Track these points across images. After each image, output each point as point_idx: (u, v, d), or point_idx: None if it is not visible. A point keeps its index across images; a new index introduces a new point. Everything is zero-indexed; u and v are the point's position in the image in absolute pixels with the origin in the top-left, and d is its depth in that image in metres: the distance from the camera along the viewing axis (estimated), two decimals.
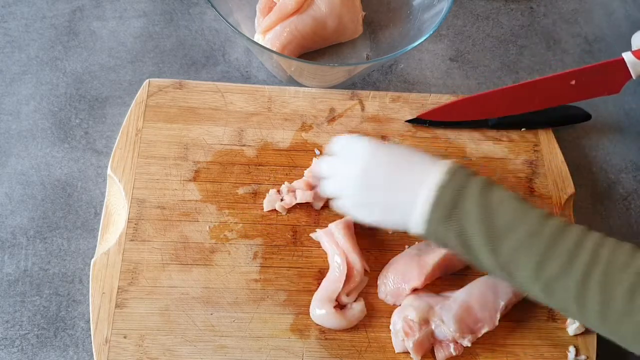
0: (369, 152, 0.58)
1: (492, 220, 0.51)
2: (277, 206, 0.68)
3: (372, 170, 0.57)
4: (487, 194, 0.53)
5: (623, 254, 0.48)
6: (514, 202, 0.52)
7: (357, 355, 0.62)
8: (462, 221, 0.52)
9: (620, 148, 0.81)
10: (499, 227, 0.51)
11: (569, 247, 0.49)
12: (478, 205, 0.52)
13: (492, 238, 0.51)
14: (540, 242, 0.50)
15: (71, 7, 0.84)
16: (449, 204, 0.53)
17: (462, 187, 0.53)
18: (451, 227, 0.53)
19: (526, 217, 0.51)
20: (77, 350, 0.62)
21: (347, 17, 0.79)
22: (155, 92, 0.74)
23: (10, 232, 0.68)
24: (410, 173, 0.56)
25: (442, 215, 0.53)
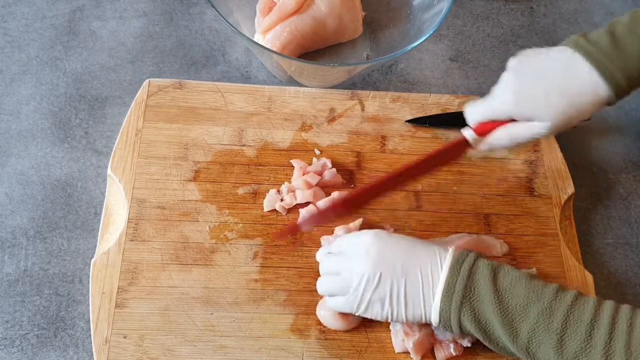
0: (377, 244, 0.57)
1: (506, 302, 0.52)
2: (277, 206, 0.69)
3: (384, 263, 0.56)
4: (497, 275, 0.54)
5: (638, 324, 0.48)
6: (525, 281, 0.53)
7: (357, 355, 0.62)
8: (476, 306, 0.53)
9: (620, 148, 0.81)
10: (515, 308, 0.52)
11: (586, 322, 0.50)
12: (490, 288, 0.53)
13: (508, 320, 0.52)
14: (557, 319, 0.50)
15: (71, 7, 0.84)
16: (460, 291, 0.53)
17: (472, 272, 0.54)
18: (466, 314, 0.53)
19: (540, 295, 0.52)
20: (77, 350, 0.62)
21: (347, 17, 0.79)
22: (155, 92, 0.74)
23: (10, 232, 0.68)
24: (419, 263, 0.56)
25: (455, 304, 0.53)
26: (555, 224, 0.71)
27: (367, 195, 0.64)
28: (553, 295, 0.52)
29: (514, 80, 0.60)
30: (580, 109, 0.57)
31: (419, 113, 0.77)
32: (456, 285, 0.54)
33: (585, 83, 0.57)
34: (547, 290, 0.52)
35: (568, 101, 0.57)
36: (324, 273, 0.61)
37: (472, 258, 0.55)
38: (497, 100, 0.60)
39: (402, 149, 0.74)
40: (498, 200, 0.72)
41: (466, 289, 0.53)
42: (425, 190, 0.72)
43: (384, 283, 0.56)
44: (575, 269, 0.68)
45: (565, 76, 0.57)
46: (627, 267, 0.73)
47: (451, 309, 0.54)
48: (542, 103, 0.58)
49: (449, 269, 0.55)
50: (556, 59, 0.59)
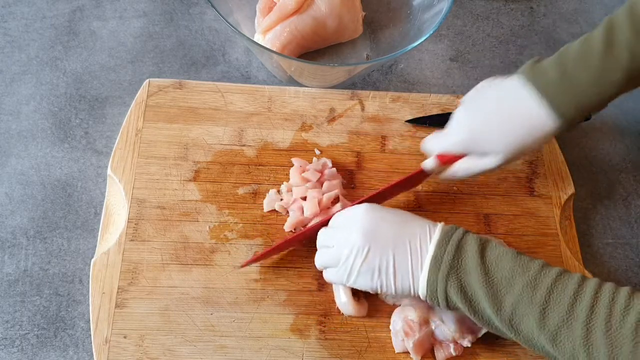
0: (368, 217, 0.58)
1: (492, 275, 0.53)
2: (277, 206, 0.68)
3: (374, 235, 0.57)
4: (485, 250, 0.54)
5: (622, 297, 0.49)
6: (512, 255, 0.54)
7: (357, 355, 0.62)
8: (463, 278, 0.53)
9: (620, 148, 0.81)
10: (499, 281, 0.52)
11: (569, 295, 0.50)
12: (477, 261, 0.53)
13: (493, 292, 0.52)
14: (540, 293, 0.51)
15: (71, 7, 0.84)
16: (448, 262, 0.54)
17: (459, 245, 0.55)
18: (452, 285, 0.54)
19: (525, 269, 0.52)
20: (77, 350, 0.62)
21: (347, 17, 0.79)
22: (155, 92, 0.74)
23: (10, 232, 0.68)
24: (408, 236, 0.57)
25: (442, 274, 0.54)
26: (555, 224, 0.71)
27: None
28: (538, 269, 0.52)
29: (467, 118, 0.62)
30: (531, 140, 0.59)
31: (419, 113, 0.77)
32: (444, 257, 0.54)
33: (535, 115, 0.58)
34: (532, 264, 0.53)
35: (519, 134, 0.59)
36: (319, 246, 0.61)
37: (460, 232, 0.56)
38: (452, 137, 0.63)
39: (402, 149, 0.74)
40: (498, 200, 0.72)
41: (453, 261, 0.54)
42: (425, 190, 0.72)
43: (373, 254, 0.56)
44: (575, 269, 0.68)
45: (517, 110, 0.59)
46: (627, 267, 0.73)
47: (438, 280, 0.54)
48: (494, 138, 0.60)
49: (437, 241, 0.55)
50: (508, 91, 0.60)
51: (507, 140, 0.59)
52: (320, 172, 0.70)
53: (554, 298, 0.50)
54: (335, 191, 0.68)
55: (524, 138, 0.59)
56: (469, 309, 0.54)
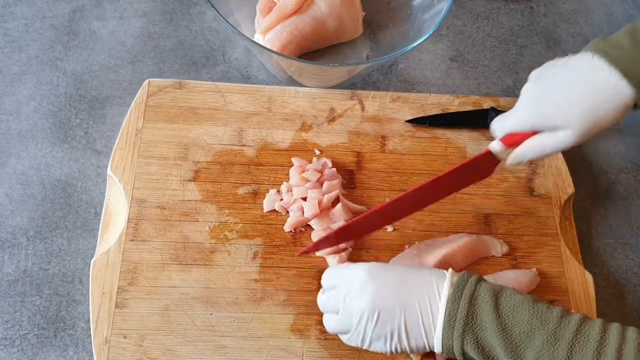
0: (372, 281, 0.55)
1: (509, 329, 0.51)
2: (277, 206, 0.68)
3: (381, 300, 0.54)
4: (499, 300, 0.52)
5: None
6: (528, 306, 0.52)
7: (357, 355, 0.62)
8: (479, 334, 0.51)
9: (620, 148, 0.81)
10: (518, 336, 0.50)
11: (592, 350, 0.48)
12: (493, 315, 0.51)
13: (513, 347, 0.50)
14: (563, 346, 0.49)
15: (71, 7, 0.84)
16: (462, 319, 0.52)
17: (472, 299, 0.52)
18: (469, 342, 0.52)
19: (543, 322, 0.51)
20: (77, 350, 0.62)
21: (347, 17, 0.79)
22: (155, 92, 0.74)
23: (10, 232, 0.68)
24: (416, 296, 0.54)
25: (457, 333, 0.52)
26: (555, 224, 0.71)
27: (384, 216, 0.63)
28: (557, 320, 0.50)
29: (535, 91, 0.59)
30: (604, 113, 0.56)
31: (419, 113, 0.77)
32: (457, 314, 0.52)
33: (608, 86, 0.55)
34: (551, 315, 0.51)
35: (591, 107, 0.56)
36: (322, 308, 0.59)
37: (472, 284, 0.53)
38: (520, 112, 0.59)
39: (402, 149, 0.74)
40: (498, 200, 0.72)
41: (467, 317, 0.52)
42: None
43: (383, 321, 0.54)
44: (575, 269, 0.68)
45: (587, 81, 0.56)
46: (627, 267, 0.73)
47: (453, 339, 0.52)
48: (565, 111, 0.56)
49: (449, 297, 0.53)
50: (576, 65, 0.58)
51: (579, 113, 0.56)
52: (320, 172, 0.70)
53: (576, 352, 0.49)
54: (335, 192, 0.68)
55: (597, 109, 0.56)
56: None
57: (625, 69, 0.55)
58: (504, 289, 0.54)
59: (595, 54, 0.56)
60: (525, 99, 0.60)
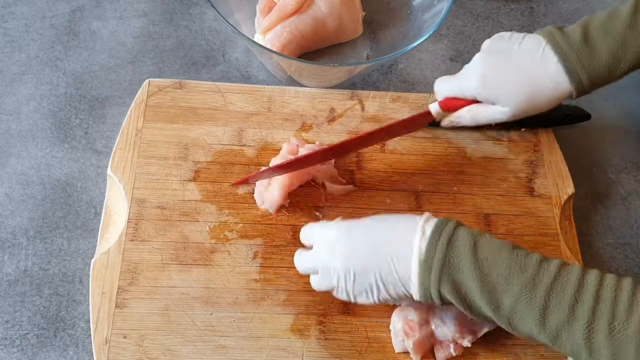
0: (344, 238, 0.56)
1: (487, 273, 0.50)
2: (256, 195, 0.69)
3: (353, 258, 0.55)
4: (478, 244, 0.51)
5: (625, 295, 0.47)
6: (508, 251, 0.51)
7: (357, 355, 0.62)
8: (457, 278, 0.51)
9: (620, 148, 0.81)
10: (496, 279, 0.50)
11: (570, 295, 0.48)
12: (471, 259, 0.51)
13: (490, 292, 0.50)
14: (540, 291, 0.49)
15: (71, 7, 0.84)
16: (439, 262, 0.51)
17: (450, 243, 0.52)
18: (445, 284, 0.51)
19: (522, 267, 0.50)
20: (77, 350, 0.62)
21: (347, 17, 0.79)
22: (155, 92, 0.74)
23: (10, 232, 0.68)
24: (388, 245, 0.54)
25: (434, 274, 0.51)
26: (555, 224, 0.71)
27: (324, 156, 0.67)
28: (536, 266, 0.50)
29: (483, 64, 0.62)
30: (541, 100, 0.60)
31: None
32: (434, 257, 0.51)
33: (550, 76, 0.58)
34: (530, 260, 0.50)
35: (530, 90, 0.59)
36: (302, 271, 0.59)
37: (451, 228, 0.52)
38: (464, 80, 0.63)
39: (402, 149, 0.74)
40: (498, 200, 0.72)
41: (445, 260, 0.51)
42: (425, 190, 0.72)
43: (359, 278, 0.54)
44: None
45: (532, 66, 0.59)
46: (627, 267, 0.73)
47: (430, 282, 0.51)
48: (506, 89, 0.60)
49: (428, 240, 0.52)
50: (527, 47, 0.60)
51: (518, 93, 0.59)
52: None
53: (553, 298, 0.48)
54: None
55: (535, 96, 0.59)
56: (464, 307, 0.52)
57: (572, 65, 0.58)
58: (483, 234, 0.53)
59: (548, 42, 0.59)
60: (472, 69, 0.63)
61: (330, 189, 0.70)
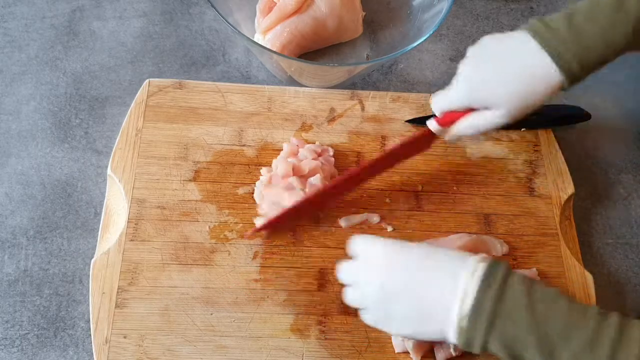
0: (386, 259, 0.53)
1: (544, 327, 0.46)
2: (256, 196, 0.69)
3: (391, 281, 0.51)
4: (533, 294, 0.47)
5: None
6: (564, 303, 0.47)
7: (357, 355, 0.62)
8: (509, 330, 0.47)
9: (620, 148, 0.81)
10: (554, 336, 0.46)
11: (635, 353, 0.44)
12: (526, 312, 0.46)
13: (546, 348, 0.46)
14: (602, 350, 0.45)
15: (71, 7, 0.84)
16: (490, 311, 0.47)
17: (503, 291, 0.47)
18: (495, 336, 0.47)
19: (582, 321, 0.46)
20: (77, 350, 0.62)
21: (347, 17, 0.79)
22: (155, 92, 0.74)
23: (10, 232, 0.68)
24: (437, 277, 0.50)
25: (484, 325, 0.47)
26: (555, 224, 0.71)
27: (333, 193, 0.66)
28: (596, 320, 0.46)
29: (469, 70, 0.61)
30: (533, 95, 0.58)
31: (419, 113, 0.77)
32: (486, 304, 0.47)
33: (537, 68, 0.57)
34: (589, 313, 0.47)
35: (522, 89, 0.58)
36: (342, 281, 0.56)
37: (501, 271, 0.48)
38: (454, 91, 0.62)
39: None
40: (498, 200, 0.72)
41: (497, 309, 0.47)
42: (425, 190, 0.72)
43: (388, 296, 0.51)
44: (575, 269, 0.68)
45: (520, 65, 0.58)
46: (627, 267, 0.73)
47: (476, 331, 0.47)
48: (496, 91, 0.59)
49: (477, 285, 0.48)
50: (511, 45, 0.59)
51: (509, 92, 0.58)
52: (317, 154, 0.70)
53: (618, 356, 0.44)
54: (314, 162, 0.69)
55: (526, 91, 0.58)
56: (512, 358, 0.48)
57: (558, 53, 0.56)
58: (536, 282, 0.49)
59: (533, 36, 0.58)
60: (460, 77, 0.62)
61: None
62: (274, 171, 0.69)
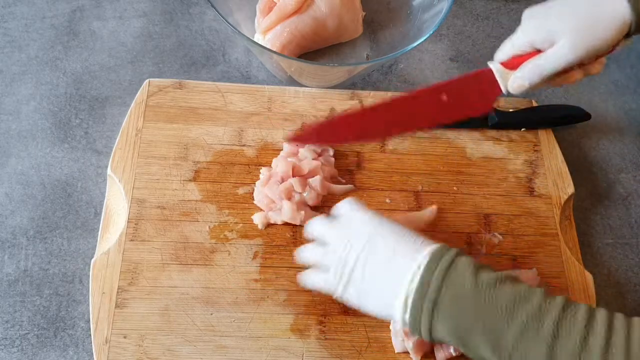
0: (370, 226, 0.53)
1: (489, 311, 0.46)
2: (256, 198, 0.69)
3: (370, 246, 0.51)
4: (479, 274, 0.48)
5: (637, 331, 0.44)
6: (509, 285, 0.47)
7: (357, 355, 0.62)
8: (454, 314, 0.47)
9: (620, 148, 0.81)
10: (499, 311, 0.46)
11: (580, 328, 0.44)
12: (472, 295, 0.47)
13: (492, 334, 0.46)
14: (547, 325, 0.45)
15: (71, 7, 0.84)
16: (435, 291, 0.47)
17: (449, 269, 0.48)
18: (440, 320, 0.47)
19: (527, 298, 0.46)
20: (77, 350, 0.62)
21: (347, 17, 0.79)
22: (155, 92, 0.74)
23: (10, 232, 0.68)
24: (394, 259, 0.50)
25: (429, 305, 0.47)
26: (555, 224, 0.71)
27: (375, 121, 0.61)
28: (542, 297, 0.46)
29: (532, 14, 0.59)
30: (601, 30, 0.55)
31: None
32: (430, 285, 0.47)
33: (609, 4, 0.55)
34: (534, 292, 0.47)
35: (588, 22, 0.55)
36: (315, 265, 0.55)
37: (451, 255, 0.49)
38: (517, 32, 0.60)
39: (402, 149, 0.74)
40: (498, 200, 0.72)
41: (441, 289, 0.47)
42: (425, 190, 0.72)
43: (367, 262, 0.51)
44: (575, 269, 0.68)
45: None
46: (627, 267, 0.73)
47: (423, 308, 0.48)
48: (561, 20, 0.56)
49: (425, 265, 0.48)
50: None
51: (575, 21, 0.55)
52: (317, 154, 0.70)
53: (563, 331, 0.44)
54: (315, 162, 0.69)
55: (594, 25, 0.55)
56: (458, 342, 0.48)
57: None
58: (482, 267, 0.49)
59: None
60: (525, 16, 0.60)
61: (330, 189, 0.70)
62: (273, 170, 0.69)
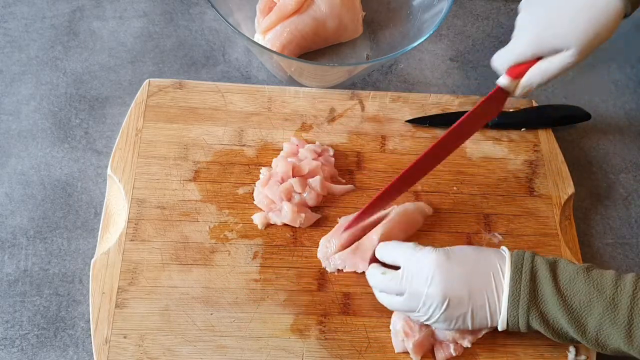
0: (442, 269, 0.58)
1: (569, 300, 0.54)
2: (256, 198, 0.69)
3: (451, 289, 0.57)
4: (556, 273, 0.56)
5: None
6: (583, 275, 0.55)
7: (357, 355, 0.62)
8: (542, 308, 0.55)
9: (620, 148, 0.81)
10: (579, 305, 0.54)
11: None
12: (552, 289, 0.55)
13: (575, 318, 0.54)
14: (622, 313, 0.53)
15: (71, 7, 0.84)
16: (525, 296, 0.55)
17: (532, 275, 0.56)
18: (533, 316, 0.56)
19: (600, 289, 0.54)
20: (77, 350, 0.62)
21: (347, 17, 0.79)
22: (155, 92, 0.74)
23: (10, 232, 0.68)
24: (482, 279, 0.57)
25: (522, 309, 0.56)
26: (555, 224, 0.71)
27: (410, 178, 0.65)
28: (613, 286, 0.54)
29: (529, 17, 0.60)
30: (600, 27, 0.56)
31: (419, 113, 0.77)
32: (520, 293, 0.56)
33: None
34: (605, 280, 0.54)
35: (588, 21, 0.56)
36: (382, 290, 0.61)
37: (529, 260, 0.57)
38: (519, 41, 0.60)
39: (402, 149, 0.74)
40: (498, 200, 0.72)
41: (530, 294, 0.55)
42: (425, 190, 0.72)
43: (452, 308, 0.57)
44: None
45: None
46: (627, 267, 0.73)
47: (519, 316, 0.56)
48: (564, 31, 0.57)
49: (511, 277, 0.56)
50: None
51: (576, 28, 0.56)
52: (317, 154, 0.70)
53: (636, 315, 0.52)
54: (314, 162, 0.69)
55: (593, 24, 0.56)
56: (553, 334, 0.57)
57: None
58: (557, 261, 0.57)
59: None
60: (521, 28, 0.60)
61: (330, 189, 0.70)
62: (273, 170, 0.69)
